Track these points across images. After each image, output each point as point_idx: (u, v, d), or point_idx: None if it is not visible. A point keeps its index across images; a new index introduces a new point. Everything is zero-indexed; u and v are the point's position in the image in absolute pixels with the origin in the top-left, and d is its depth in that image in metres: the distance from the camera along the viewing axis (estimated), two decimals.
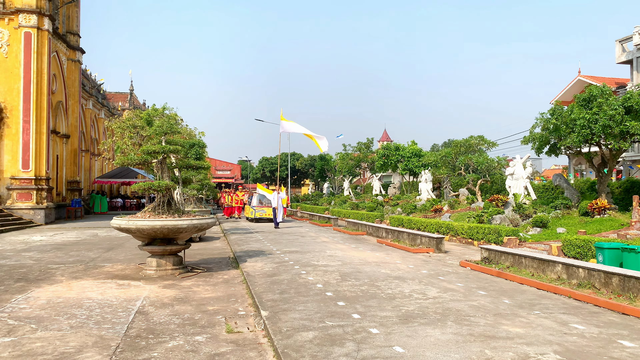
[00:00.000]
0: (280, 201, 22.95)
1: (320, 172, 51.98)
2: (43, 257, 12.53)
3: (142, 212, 10.32)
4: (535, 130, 17.92)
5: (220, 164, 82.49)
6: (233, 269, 11.01)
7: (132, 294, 8.23)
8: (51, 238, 17.60)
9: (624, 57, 29.42)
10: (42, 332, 6.02)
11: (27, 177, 24.21)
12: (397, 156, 34.58)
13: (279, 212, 22.67)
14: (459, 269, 10.71)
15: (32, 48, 24.35)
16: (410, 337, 5.67)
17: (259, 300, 7.49)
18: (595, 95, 16.07)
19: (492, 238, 14.26)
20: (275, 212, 22.60)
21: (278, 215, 22.65)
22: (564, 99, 31.79)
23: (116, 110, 47.10)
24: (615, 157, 17.05)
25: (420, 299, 7.69)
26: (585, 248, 10.74)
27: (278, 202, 22.66)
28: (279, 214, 22.70)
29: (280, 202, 22.84)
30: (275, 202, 22.73)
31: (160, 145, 10.74)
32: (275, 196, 22.90)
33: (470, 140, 29.44)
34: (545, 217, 15.45)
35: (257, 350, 5.50)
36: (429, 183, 26.88)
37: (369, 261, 11.80)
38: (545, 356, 5.05)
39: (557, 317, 6.66)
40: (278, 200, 22.67)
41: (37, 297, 7.96)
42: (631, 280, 7.37)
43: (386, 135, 76.98)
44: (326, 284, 8.88)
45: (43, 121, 24.77)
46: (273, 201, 22.96)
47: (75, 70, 31.12)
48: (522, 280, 9.14)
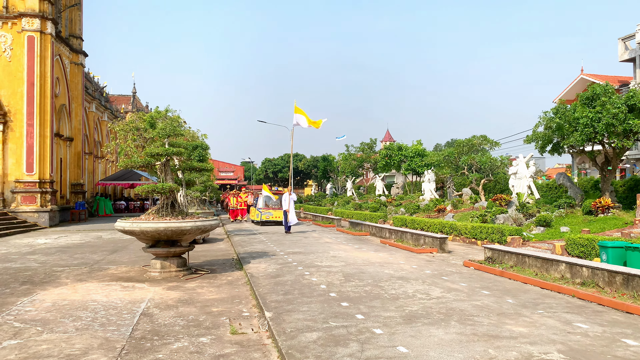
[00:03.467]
0: (292, 203, 20.91)
1: (323, 172, 51.99)
2: (48, 260, 12.59)
3: (146, 215, 10.37)
4: (538, 129, 17.91)
5: (224, 165, 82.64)
6: (237, 270, 11.04)
7: (137, 296, 8.27)
8: (55, 241, 17.68)
9: (626, 55, 29.35)
10: (47, 335, 6.06)
11: (31, 180, 24.32)
12: (400, 156, 34.58)
13: (290, 215, 20.53)
14: (462, 269, 10.71)
15: (35, 52, 24.48)
16: (413, 337, 5.68)
17: (263, 302, 7.51)
18: (598, 94, 16.05)
19: (496, 238, 14.25)
20: (287, 215, 20.60)
21: (289, 218, 20.55)
22: (567, 98, 31.71)
23: (119, 112, 47.28)
24: (619, 155, 17.02)
25: (424, 299, 7.70)
26: (589, 247, 10.73)
27: (290, 204, 20.54)
28: (290, 217, 20.56)
29: (292, 204, 20.79)
30: (286, 204, 20.62)
31: (163, 148, 10.78)
32: (286, 198, 20.71)
33: (473, 140, 29.37)
34: (549, 216, 15.43)
35: (262, 351, 5.53)
36: (432, 183, 26.86)
37: (373, 262, 11.82)
38: (549, 355, 5.05)
39: (561, 316, 6.66)
40: (290, 202, 20.54)
41: (43, 299, 8.01)
42: (635, 278, 7.36)
43: (389, 135, 76.92)
44: (330, 284, 8.89)
45: (47, 124, 24.89)
46: (284, 203, 20.79)
47: (78, 73, 31.25)
48: (525, 279, 9.14)
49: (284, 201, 20.74)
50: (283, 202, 20.97)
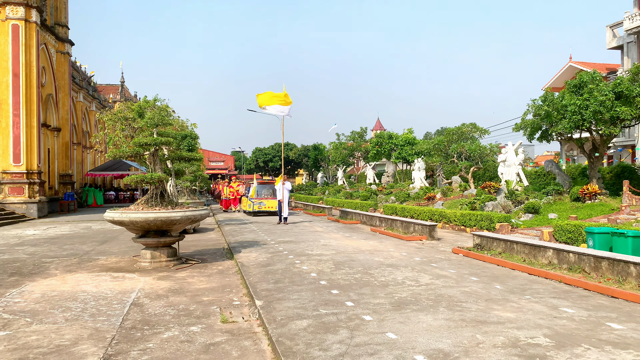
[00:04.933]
0: (287, 193, 20.18)
1: (314, 161, 52.01)
2: (37, 251, 12.51)
3: (136, 205, 10.32)
4: (527, 117, 18.01)
5: (214, 155, 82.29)
6: (227, 259, 11.05)
7: (127, 286, 8.26)
8: (44, 232, 17.55)
9: (614, 43, 29.51)
10: (37, 326, 6.04)
11: (18, 171, 24.07)
12: (390, 145, 34.65)
13: (284, 205, 19.81)
14: (451, 256, 10.81)
15: (20, 40, 24.08)
16: (402, 323, 5.74)
17: (254, 290, 7.54)
18: (585, 82, 16.15)
19: (485, 225, 14.37)
20: (281, 206, 19.82)
21: (284, 209, 19.82)
22: (556, 86, 31.91)
23: (107, 102, 46.76)
24: (606, 142, 17.18)
25: (413, 285, 7.77)
26: (576, 233, 10.87)
27: (284, 194, 19.81)
28: (284, 208, 19.83)
29: (287, 194, 20.05)
30: (280, 194, 19.88)
31: (152, 138, 10.70)
32: (280, 187, 19.97)
33: (462, 128, 29.54)
34: (537, 203, 15.58)
35: (252, 339, 5.56)
36: (422, 171, 26.97)
37: (363, 249, 11.88)
38: (535, 340, 5.14)
39: (548, 301, 6.76)
40: (284, 192, 19.81)
41: (32, 290, 7.97)
42: (620, 264, 7.48)
43: (379, 124, 76.99)
44: (320, 272, 8.94)
45: (33, 114, 24.59)
46: (278, 193, 20.06)
47: (65, 62, 30.81)
48: (513, 265, 9.25)
49: (278, 191, 20.09)
50: (277, 191, 20.32)
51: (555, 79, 33.65)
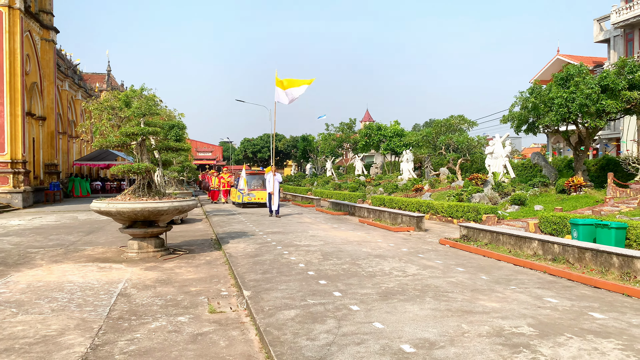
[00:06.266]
0: (278, 185, 19.35)
1: (303, 152, 51.94)
2: (22, 241, 12.38)
3: (122, 195, 10.25)
4: (514, 109, 18.14)
5: (202, 145, 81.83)
6: (215, 250, 11.03)
7: (114, 276, 8.22)
8: (30, 222, 17.36)
9: (601, 36, 29.74)
10: (23, 316, 6.00)
11: (2, 160, 23.74)
12: (379, 136, 34.71)
13: (274, 197, 19.00)
14: (438, 247, 10.90)
15: (4, 27, 23.64)
16: (389, 313, 5.80)
17: (242, 281, 7.55)
18: (572, 75, 16.29)
19: (472, 216, 14.50)
20: (271, 198, 19.08)
21: (274, 201, 19.01)
22: (543, 78, 32.11)
23: (93, 91, 46.14)
24: (592, 135, 17.39)
25: (400, 276, 7.84)
26: (561, 224, 11.02)
27: (274, 185, 18.98)
28: (275, 200, 19.00)
29: (277, 185, 19.21)
30: (270, 186, 19.09)
31: (139, 127, 10.61)
32: (270, 178, 19.13)
33: (450, 120, 29.64)
34: (524, 195, 15.75)
35: (240, 329, 5.58)
36: (410, 163, 27.11)
37: (351, 240, 11.94)
38: (519, 329, 5.22)
39: (532, 291, 6.86)
40: (274, 184, 18.98)
41: (17, 281, 7.90)
42: (603, 254, 7.61)
43: (368, 115, 76.92)
44: (308, 263, 8.97)
45: (17, 103, 24.20)
46: (268, 185, 19.30)
47: (50, 50, 30.29)
48: (499, 256, 9.36)
49: (268, 182, 19.32)
50: (267, 183, 19.56)
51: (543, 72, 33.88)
